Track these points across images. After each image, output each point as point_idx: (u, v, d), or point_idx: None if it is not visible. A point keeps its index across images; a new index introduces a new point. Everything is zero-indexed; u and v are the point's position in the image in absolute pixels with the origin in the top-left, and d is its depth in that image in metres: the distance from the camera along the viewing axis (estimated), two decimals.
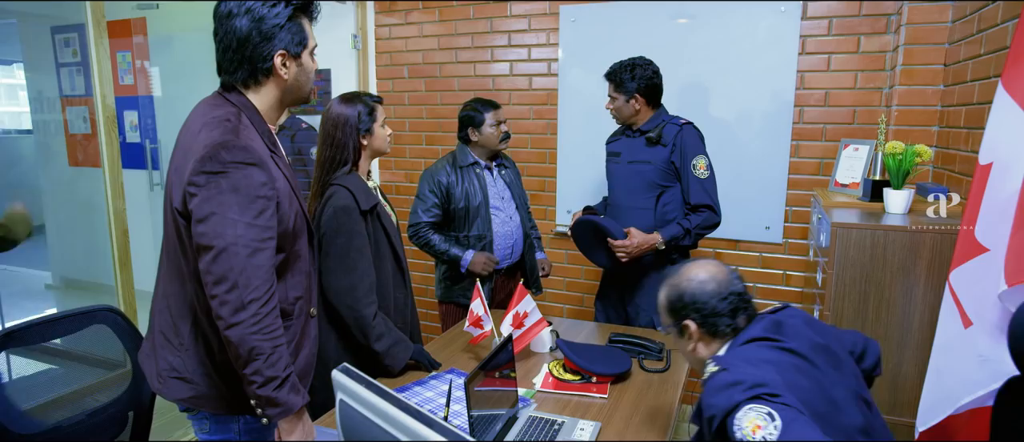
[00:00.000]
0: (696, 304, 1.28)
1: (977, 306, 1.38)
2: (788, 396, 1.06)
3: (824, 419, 1.13)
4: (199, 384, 1.34)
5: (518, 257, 2.62)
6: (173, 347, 1.34)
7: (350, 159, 1.84)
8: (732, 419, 1.06)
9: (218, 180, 1.19)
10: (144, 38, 4.13)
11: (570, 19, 3.16)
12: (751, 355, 1.18)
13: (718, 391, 1.10)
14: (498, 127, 2.46)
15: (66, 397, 1.57)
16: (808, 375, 1.17)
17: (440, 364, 1.88)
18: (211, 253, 1.19)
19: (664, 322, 1.36)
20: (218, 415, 1.38)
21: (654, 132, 2.29)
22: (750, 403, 1.06)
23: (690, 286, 1.29)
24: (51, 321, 1.51)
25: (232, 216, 1.19)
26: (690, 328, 1.29)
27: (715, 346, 1.29)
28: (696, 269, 1.31)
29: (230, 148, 1.20)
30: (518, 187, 2.64)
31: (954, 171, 2.23)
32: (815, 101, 2.78)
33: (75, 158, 4.25)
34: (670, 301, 1.32)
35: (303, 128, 3.42)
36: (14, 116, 7.15)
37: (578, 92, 3.20)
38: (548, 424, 1.52)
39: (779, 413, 1.05)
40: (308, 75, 1.37)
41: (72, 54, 4.08)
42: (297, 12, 1.31)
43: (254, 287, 1.20)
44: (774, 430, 1.04)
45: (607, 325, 2.36)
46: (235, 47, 1.28)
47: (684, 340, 1.32)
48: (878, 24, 2.64)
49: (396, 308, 1.91)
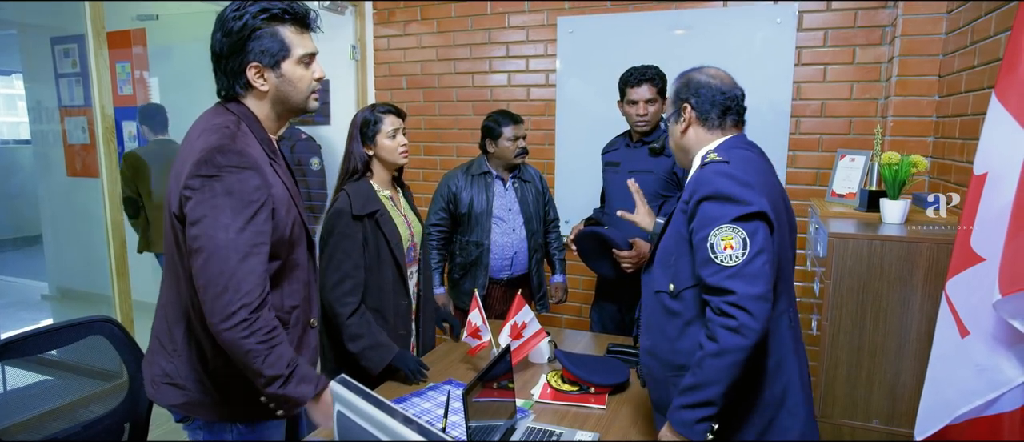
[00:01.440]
0: (699, 91, 1.40)
1: (974, 315, 1.38)
2: (763, 233, 1.22)
3: (782, 279, 1.32)
4: (191, 390, 1.33)
5: (521, 271, 2.62)
6: (167, 352, 1.35)
7: (359, 167, 1.90)
8: (713, 226, 1.22)
9: (212, 183, 1.19)
10: (143, 49, 4.15)
11: (568, 30, 3.19)
12: (749, 166, 1.30)
13: (721, 178, 1.25)
14: (515, 142, 2.49)
15: (62, 408, 1.56)
16: (779, 223, 1.29)
17: (426, 371, 1.85)
18: (202, 256, 1.18)
19: (667, 110, 1.48)
20: (211, 423, 1.37)
21: (659, 143, 2.30)
22: (736, 222, 1.21)
23: (699, 77, 1.42)
24: (47, 332, 1.50)
25: (225, 220, 1.18)
26: (686, 110, 1.41)
27: (704, 137, 1.40)
28: (709, 68, 1.44)
29: (225, 152, 1.20)
30: (535, 203, 2.62)
31: (949, 181, 2.24)
32: (811, 111, 2.80)
33: (73, 168, 4.25)
34: (677, 88, 1.44)
35: (302, 139, 3.43)
36: (13, 126, 7.16)
37: (576, 103, 3.22)
38: (546, 435, 1.52)
39: (752, 244, 1.21)
40: (294, 85, 1.32)
41: (71, 64, 4.09)
42: (270, 21, 1.27)
43: (245, 292, 1.19)
44: (739, 257, 1.20)
45: (605, 335, 2.35)
46: (215, 61, 1.31)
47: (679, 124, 1.43)
48: (873, 35, 2.66)
49: (398, 314, 1.91)
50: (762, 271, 1.20)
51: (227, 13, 1.28)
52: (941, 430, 1.47)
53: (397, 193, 2.03)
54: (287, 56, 1.30)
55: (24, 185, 5.71)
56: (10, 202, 5.74)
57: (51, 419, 1.51)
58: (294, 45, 1.31)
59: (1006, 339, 1.31)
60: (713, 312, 1.23)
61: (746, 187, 1.24)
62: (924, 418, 1.53)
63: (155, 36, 4.11)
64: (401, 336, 1.93)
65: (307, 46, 1.34)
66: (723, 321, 1.20)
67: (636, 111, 2.31)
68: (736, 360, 1.20)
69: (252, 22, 1.25)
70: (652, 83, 2.28)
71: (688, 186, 1.33)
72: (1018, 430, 1.30)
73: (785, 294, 1.34)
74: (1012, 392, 1.31)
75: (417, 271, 2.05)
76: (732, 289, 1.20)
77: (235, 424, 1.37)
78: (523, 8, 3.28)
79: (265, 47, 1.27)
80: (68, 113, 4.13)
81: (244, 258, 1.19)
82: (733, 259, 1.20)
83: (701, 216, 1.26)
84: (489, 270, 2.54)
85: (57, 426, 1.49)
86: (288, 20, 1.30)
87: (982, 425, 1.37)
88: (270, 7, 1.27)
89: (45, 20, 4.19)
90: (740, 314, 1.19)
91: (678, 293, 1.33)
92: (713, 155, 1.32)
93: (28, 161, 5.31)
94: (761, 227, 1.22)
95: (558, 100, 3.27)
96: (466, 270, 2.57)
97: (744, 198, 1.22)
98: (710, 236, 1.22)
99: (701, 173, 1.30)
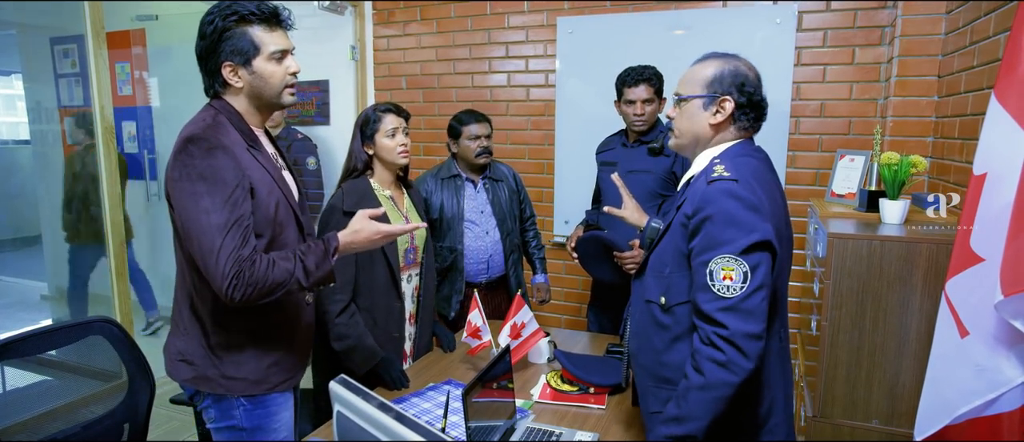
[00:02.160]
0: (745, 88, 1.29)
1: (974, 316, 1.38)
2: (765, 267, 1.17)
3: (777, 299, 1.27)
4: (198, 365, 1.42)
5: (498, 273, 2.53)
6: (179, 331, 1.45)
7: (358, 166, 1.92)
8: (716, 252, 1.16)
9: (188, 171, 1.28)
10: (143, 49, 4.15)
11: (567, 30, 3.19)
12: (756, 182, 1.22)
13: (728, 199, 1.17)
14: (476, 141, 2.39)
15: (61, 409, 1.56)
16: (780, 243, 1.23)
17: (406, 384, 1.82)
18: (192, 238, 1.28)
19: (689, 90, 1.33)
20: (219, 399, 1.43)
21: (658, 143, 2.30)
22: (740, 254, 1.15)
23: (748, 73, 1.31)
24: (46, 332, 1.50)
25: (205, 204, 1.26)
26: (727, 105, 1.29)
27: (724, 137, 1.32)
28: (748, 61, 1.33)
29: (196, 140, 1.29)
30: (508, 203, 2.53)
31: (949, 181, 2.24)
32: (811, 112, 2.80)
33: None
34: (720, 72, 1.30)
35: (299, 139, 3.43)
36: (12, 126, 7.15)
37: (576, 103, 3.22)
38: (546, 435, 1.52)
39: (753, 279, 1.15)
40: (268, 80, 1.38)
41: (71, 65, 4.09)
42: (240, 23, 1.34)
43: (234, 260, 1.26)
44: (738, 289, 1.15)
45: (604, 335, 2.35)
46: (198, 62, 1.40)
47: (705, 113, 1.31)
48: (872, 35, 2.66)
49: (390, 316, 1.91)
50: (759, 308, 1.15)
51: (203, 18, 1.37)
52: (941, 430, 1.47)
53: (401, 193, 2.03)
54: (258, 53, 1.37)
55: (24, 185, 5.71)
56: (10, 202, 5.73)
57: (50, 419, 1.51)
58: (264, 43, 1.37)
59: (1006, 339, 1.31)
60: (701, 341, 1.18)
61: (754, 212, 1.18)
62: (924, 418, 1.53)
63: (154, 36, 4.12)
64: (394, 338, 1.92)
65: (278, 42, 1.39)
66: (711, 353, 1.16)
67: (633, 111, 2.30)
68: (722, 395, 1.16)
69: (222, 24, 1.34)
70: (649, 83, 2.28)
71: (692, 199, 1.25)
72: (1018, 430, 1.30)
73: (779, 315, 1.31)
74: (1012, 392, 1.31)
75: (418, 274, 2.04)
76: (725, 323, 1.15)
77: (239, 399, 1.43)
78: (523, 8, 3.28)
79: (236, 46, 1.35)
80: (68, 113, 4.13)
81: (227, 232, 1.27)
82: (731, 291, 1.15)
83: (705, 237, 1.19)
84: (465, 275, 2.46)
85: (56, 426, 1.49)
86: (255, 20, 1.36)
87: (982, 425, 1.37)
88: (239, 9, 1.35)
89: (45, 20, 4.19)
90: (730, 350, 1.14)
91: (669, 307, 1.29)
92: (720, 169, 1.23)
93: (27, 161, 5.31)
94: (765, 260, 1.17)
95: (558, 100, 3.27)
96: (443, 276, 2.47)
97: (751, 225, 1.16)
98: (711, 263, 1.17)
99: (708, 191, 1.21)
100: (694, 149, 1.36)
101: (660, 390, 1.32)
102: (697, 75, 1.33)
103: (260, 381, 1.44)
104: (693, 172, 1.35)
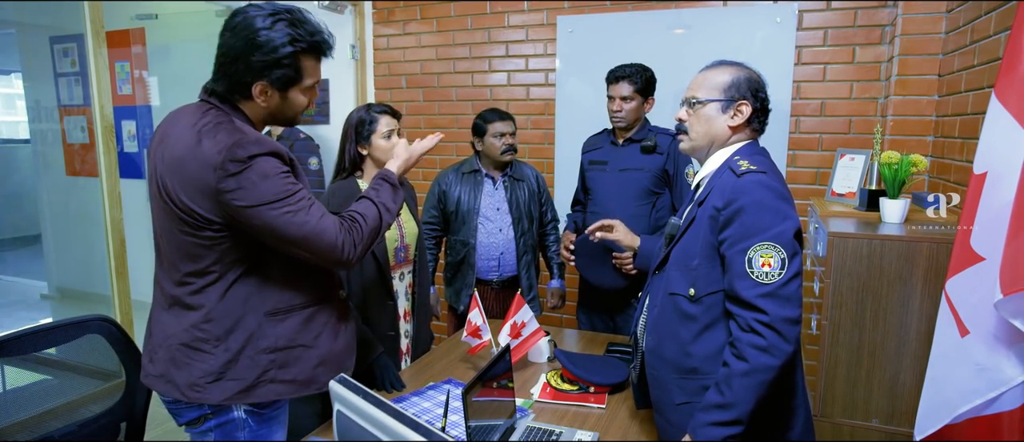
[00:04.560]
0: (759, 94, 1.38)
1: (974, 315, 1.38)
2: (800, 254, 1.23)
3: None
4: (244, 377, 1.38)
5: (510, 272, 2.56)
6: (200, 354, 1.40)
7: (348, 166, 1.91)
8: (754, 239, 1.21)
9: (246, 175, 1.22)
10: (143, 48, 4.14)
11: (567, 29, 3.18)
12: (778, 176, 1.30)
13: (762, 189, 1.23)
14: (501, 139, 2.45)
15: (59, 408, 1.56)
16: None
17: (401, 388, 1.79)
18: (290, 238, 1.27)
19: (705, 94, 1.38)
20: (221, 418, 1.36)
21: (650, 140, 2.30)
22: (777, 241, 1.20)
23: (759, 78, 1.40)
24: (44, 331, 1.50)
25: (276, 202, 1.24)
26: (745, 109, 1.36)
27: (738, 139, 1.39)
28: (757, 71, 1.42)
29: (243, 144, 1.23)
30: (528, 203, 2.55)
31: (949, 181, 2.24)
32: (811, 111, 2.80)
33: (73, 168, 4.25)
34: (736, 79, 1.37)
35: (301, 139, 3.43)
36: (12, 126, 7.15)
37: (575, 102, 3.22)
38: (546, 434, 1.51)
39: (790, 266, 1.21)
40: (293, 107, 1.35)
41: (70, 64, 4.09)
42: (300, 53, 1.28)
43: (335, 227, 1.30)
44: (776, 276, 1.20)
45: (604, 335, 2.35)
46: (224, 61, 1.28)
47: (723, 116, 1.37)
48: (873, 34, 2.66)
49: (383, 314, 1.90)
50: (796, 294, 1.21)
51: (255, 23, 1.24)
52: (941, 429, 1.47)
53: None
54: (298, 83, 1.32)
55: (23, 185, 5.71)
56: (9, 202, 5.74)
57: (48, 418, 1.50)
58: (307, 75, 1.32)
59: (1006, 338, 1.31)
60: (740, 328, 1.22)
61: (785, 201, 1.25)
62: (924, 417, 1.53)
63: (154, 35, 4.11)
64: (389, 337, 1.92)
65: (316, 75, 1.36)
66: (752, 339, 1.20)
67: (612, 107, 2.33)
68: (765, 379, 1.20)
69: (283, 51, 1.24)
70: (630, 80, 2.28)
71: (719, 192, 1.29)
72: (1018, 429, 1.30)
73: None
74: (1012, 391, 1.31)
75: (411, 272, 2.04)
76: (765, 309, 1.19)
77: (245, 418, 1.38)
78: (523, 7, 3.28)
79: (284, 74, 1.28)
80: (67, 112, 4.13)
81: (307, 211, 1.27)
82: (769, 277, 1.20)
83: (740, 227, 1.24)
84: (476, 270, 2.49)
85: (54, 425, 1.49)
86: (312, 51, 1.31)
87: (982, 424, 1.37)
88: (302, 39, 1.27)
89: (44, 19, 4.19)
90: (771, 335, 1.19)
91: (699, 298, 1.32)
92: (745, 163, 1.29)
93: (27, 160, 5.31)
94: (799, 248, 1.23)
95: (557, 99, 3.26)
96: (456, 270, 2.54)
97: (785, 213, 1.23)
98: (750, 250, 1.22)
99: (740, 183, 1.26)
100: (709, 150, 1.42)
101: (686, 381, 1.34)
102: (712, 80, 1.40)
103: (309, 381, 1.40)
104: (707, 171, 1.40)
